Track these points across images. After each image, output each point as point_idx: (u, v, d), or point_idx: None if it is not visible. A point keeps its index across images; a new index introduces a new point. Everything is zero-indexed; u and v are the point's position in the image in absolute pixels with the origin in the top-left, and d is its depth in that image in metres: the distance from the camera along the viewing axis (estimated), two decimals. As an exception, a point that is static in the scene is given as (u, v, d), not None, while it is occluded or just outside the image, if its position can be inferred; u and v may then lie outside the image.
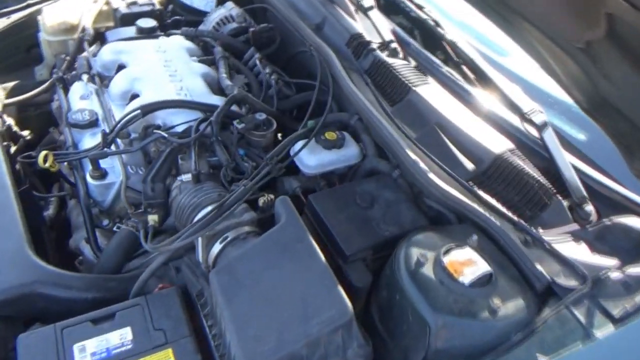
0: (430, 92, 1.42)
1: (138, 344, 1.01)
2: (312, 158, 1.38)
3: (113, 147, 1.39)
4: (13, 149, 1.64)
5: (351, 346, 0.97)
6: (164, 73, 1.55)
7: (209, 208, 1.18)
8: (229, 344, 0.97)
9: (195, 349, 1.02)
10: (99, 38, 1.86)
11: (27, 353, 0.97)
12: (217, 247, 1.11)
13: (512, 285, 1.03)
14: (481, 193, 1.22)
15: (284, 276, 1.03)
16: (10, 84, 1.89)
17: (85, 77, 1.62)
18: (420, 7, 1.66)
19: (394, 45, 1.57)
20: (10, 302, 1.05)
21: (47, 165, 1.38)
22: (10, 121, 1.67)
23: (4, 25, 1.90)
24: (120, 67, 1.63)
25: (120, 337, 1.02)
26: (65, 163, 1.48)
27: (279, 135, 1.58)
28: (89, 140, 1.49)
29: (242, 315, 0.97)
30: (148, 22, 1.77)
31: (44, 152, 1.37)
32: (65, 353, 0.98)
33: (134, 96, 1.52)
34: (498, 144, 1.29)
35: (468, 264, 1.05)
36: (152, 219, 1.24)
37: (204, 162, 1.34)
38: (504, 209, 1.19)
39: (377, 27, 1.60)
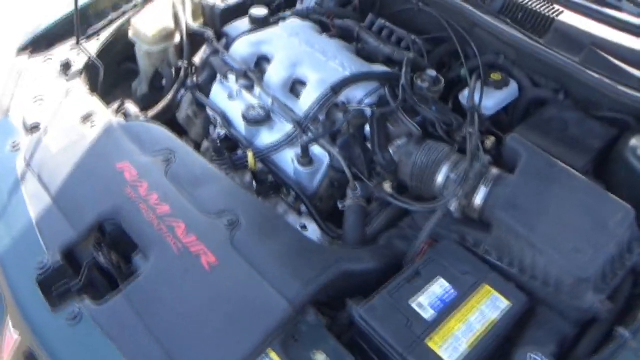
0: (573, 18, 1.56)
1: (459, 289, 1.12)
2: (490, 100, 1.49)
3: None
4: None
5: (634, 238, 1.15)
6: (316, 54, 1.59)
7: (448, 164, 1.29)
8: (543, 265, 1.11)
9: (504, 279, 1.15)
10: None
11: (380, 318, 1.05)
12: (483, 190, 1.22)
13: None
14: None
15: (558, 196, 1.18)
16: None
17: (231, 76, 1.62)
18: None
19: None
20: (332, 282, 1.11)
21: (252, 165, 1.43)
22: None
23: (97, 49, 1.82)
24: (261, 58, 1.64)
25: (440, 287, 1.13)
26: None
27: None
28: (267, 135, 1.53)
29: (549, 236, 1.12)
30: (260, 11, 1.76)
31: (251, 153, 1.41)
32: (407, 310, 1.08)
33: (297, 81, 1.56)
34: None
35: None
36: (388, 186, 1.33)
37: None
38: None
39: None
